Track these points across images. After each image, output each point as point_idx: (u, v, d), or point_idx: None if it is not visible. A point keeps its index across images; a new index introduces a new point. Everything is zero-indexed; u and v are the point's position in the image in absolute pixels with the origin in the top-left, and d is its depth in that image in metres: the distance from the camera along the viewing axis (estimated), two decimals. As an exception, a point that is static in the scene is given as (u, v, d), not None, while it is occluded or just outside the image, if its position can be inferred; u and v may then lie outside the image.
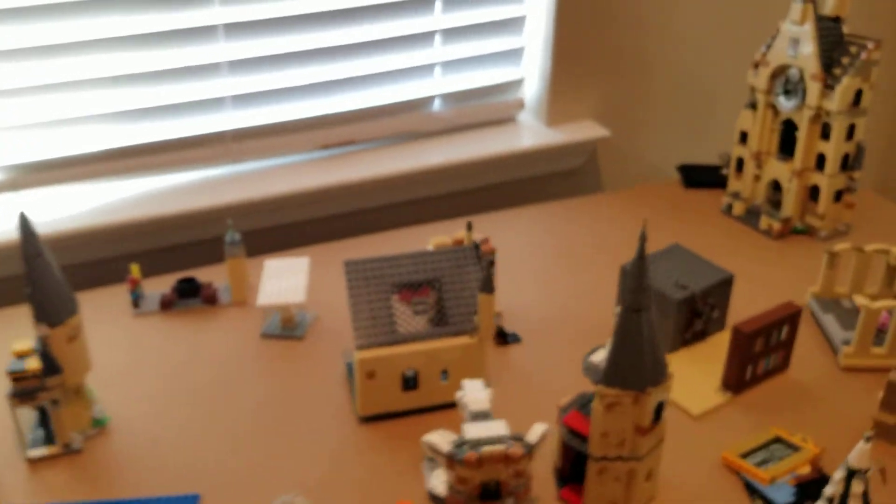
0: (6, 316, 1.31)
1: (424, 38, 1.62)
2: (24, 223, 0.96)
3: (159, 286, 1.38)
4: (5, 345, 1.10)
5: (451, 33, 1.64)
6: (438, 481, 0.94)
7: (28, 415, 1.08)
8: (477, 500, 0.89)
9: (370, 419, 1.10)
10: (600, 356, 0.89)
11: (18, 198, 1.47)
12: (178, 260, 1.49)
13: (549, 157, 1.74)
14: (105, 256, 1.49)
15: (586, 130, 1.75)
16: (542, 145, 1.71)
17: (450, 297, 1.08)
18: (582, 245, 1.51)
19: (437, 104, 1.71)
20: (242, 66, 1.51)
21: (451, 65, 1.68)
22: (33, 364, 1.01)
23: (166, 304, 1.33)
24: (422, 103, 1.69)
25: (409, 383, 1.08)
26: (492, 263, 1.23)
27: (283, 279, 1.26)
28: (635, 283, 0.83)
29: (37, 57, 1.38)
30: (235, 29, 1.47)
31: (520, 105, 1.78)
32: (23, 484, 1.02)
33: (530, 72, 1.74)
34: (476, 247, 1.11)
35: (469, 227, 1.14)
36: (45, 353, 1.00)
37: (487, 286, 1.04)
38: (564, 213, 1.62)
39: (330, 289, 1.35)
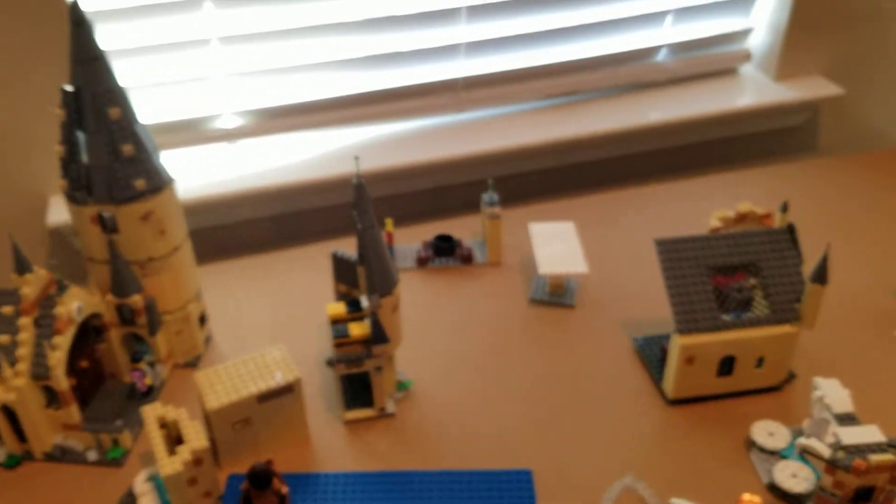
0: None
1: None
2: (361, 191, 0.92)
3: (401, 239, 1.36)
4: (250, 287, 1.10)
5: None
6: (785, 476, 0.92)
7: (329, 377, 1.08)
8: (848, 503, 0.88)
9: (677, 402, 1.08)
10: None
11: (249, 145, 1.45)
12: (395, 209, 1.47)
13: (771, 113, 1.66)
14: (333, 204, 1.47)
15: (817, 87, 1.65)
16: (769, 101, 1.63)
17: (771, 283, 1.04)
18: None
19: (663, 54, 1.63)
20: (481, 13, 1.44)
21: (682, 13, 1.59)
22: (358, 330, 1.00)
23: (423, 262, 1.31)
24: (647, 53, 1.62)
25: (724, 368, 1.05)
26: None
27: (556, 245, 1.22)
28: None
29: (275, 2, 1.33)
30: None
31: (745, 57, 1.69)
32: (342, 446, 1.03)
33: (759, 21, 1.65)
34: (792, 229, 1.06)
35: (784, 207, 1.08)
36: (376, 322, 0.98)
37: (821, 277, 1.00)
38: (784, 176, 1.53)
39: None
